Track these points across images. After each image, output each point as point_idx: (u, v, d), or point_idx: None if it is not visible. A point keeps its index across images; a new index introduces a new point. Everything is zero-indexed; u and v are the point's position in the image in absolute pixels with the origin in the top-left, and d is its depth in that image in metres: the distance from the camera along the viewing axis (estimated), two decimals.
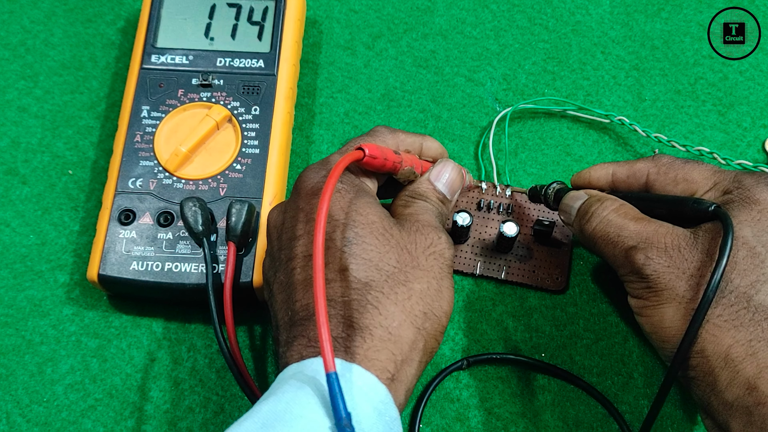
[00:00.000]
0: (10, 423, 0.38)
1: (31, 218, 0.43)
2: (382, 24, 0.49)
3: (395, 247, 0.30)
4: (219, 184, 0.41)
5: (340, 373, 0.26)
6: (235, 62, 0.44)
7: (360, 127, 0.46)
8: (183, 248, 0.39)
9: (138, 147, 0.41)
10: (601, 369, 0.39)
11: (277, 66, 0.44)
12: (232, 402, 0.39)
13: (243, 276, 0.38)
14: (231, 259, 0.37)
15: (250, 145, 0.41)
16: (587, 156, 0.45)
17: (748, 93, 0.47)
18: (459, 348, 0.40)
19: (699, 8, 0.50)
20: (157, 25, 0.44)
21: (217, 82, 0.43)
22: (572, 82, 0.47)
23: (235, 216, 0.38)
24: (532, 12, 0.50)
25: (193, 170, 0.41)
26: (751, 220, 0.31)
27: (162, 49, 0.44)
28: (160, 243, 0.39)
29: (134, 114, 0.42)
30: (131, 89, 0.43)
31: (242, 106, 0.42)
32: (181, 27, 0.45)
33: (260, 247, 0.39)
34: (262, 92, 0.43)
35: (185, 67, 0.43)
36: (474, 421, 0.38)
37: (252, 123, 0.42)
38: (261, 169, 0.41)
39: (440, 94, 0.47)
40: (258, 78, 0.43)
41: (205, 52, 0.44)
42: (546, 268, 0.41)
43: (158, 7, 0.45)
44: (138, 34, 0.45)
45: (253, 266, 0.39)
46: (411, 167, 0.35)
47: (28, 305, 0.41)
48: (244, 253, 0.39)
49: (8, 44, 0.49)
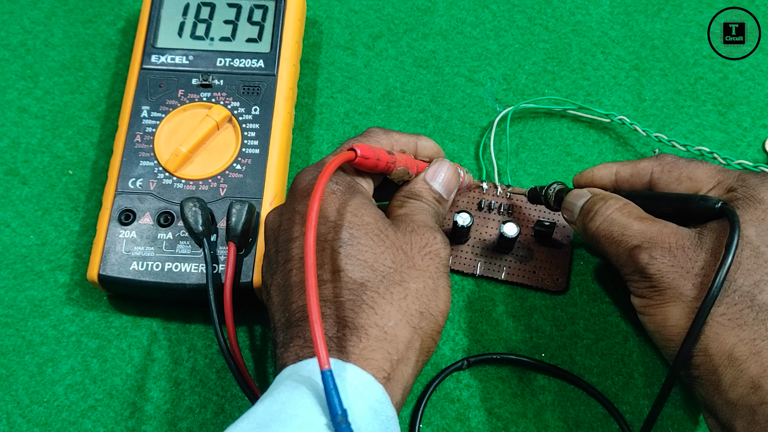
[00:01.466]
0: (10, 423, 0.38)
1: (31, 219, 0.43)
2: (382, 24, 0.50)
3: (390, 247, 0.30)
4: (219, 185, 0.40)
5: (335, 372, 0.26)
6: (235, 62, 0.44)
7: (360, 128, 0.46)
8: (183, 248, 0.39)
9: (138, 147, 0.41)
10: (602, 369, 0.39)
11: (277, 66, 0.44)
12: (232, 402, 0.39)
13: (243, 276, 0.38)
14: (231, 259, 0.37)
15: (250, 146, 0.41)
16: (587, 156, 0.45)
17: (748, 93, 0.47)
18: (459, 348, 0.40)
19: (699, 8, 0.50)
20: (157, 26, 0.44)
21: (217, 82, 0.43)
22: (572, 82, 0.47)
23: (235, 216, 0.38)
24: (532, 12, 0.50)
25: (193, 170, 0.41)
26: (756, 219, 0.31)
27: (162, 49, 0.44)
28: (161, 243, 0.39)
29: (134, 114, 0.42)
30: (131, 89, 0.43)
31: (242, 106, 0.42)
32: (181, 27, 0.45)
33: (260, 247, 0.39)
34: (262, 92, 0.43)
35: (185, 67, 0.43)
36: (474, 421, 0.38)
37: (252, 123, 0.42)
38: (261, 169, 0.41)
39: (440, 95, 0.47)
40: (258, 78, 0.43)
41: (205, 53, 0.44)
42: (546, 268, 0.41)
43: (158, 8, 0.45)
44: (138, 34, 0.45)
45: (253, 266, 0.39)
46: (405, 167, 0.35)
47: (28, 306, 0.41)
48: (244, 253, 0.39)
49: (8, 45, 0.49)
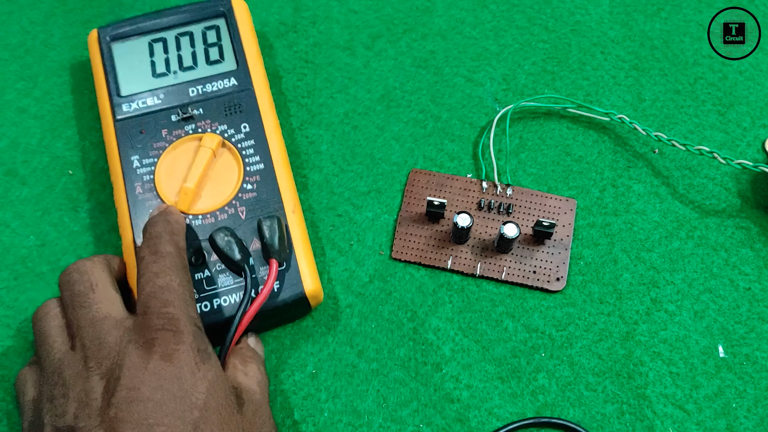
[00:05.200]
0: (10, 423, 0.38)
1: (30, 219, 0.43)
2: (382, 24, 0.49)
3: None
4: (236, 209, 0.40)
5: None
6: (207, 88, 0.43)
7: (360, 127, 0.46)
8: (225, 281, 0.38)
9: (142, 198, 0.40)
10: (601, 369, 0.39)
11: (249, 78, 0.43)
12: None
13: (294, 289, 0.38)
14: (273, 275, 0.36)
15: (252, 163, 0.41)
16: (587, 156, 0.45)
17: (748, 93, 0.47)
18: (459, 348, 0.40)
19: (699, 8, 0.50)
20: (115, 75, 0.43)
21: (197, 111, 0.42)
22: (572, 82, 0.47)
23: (268, 232, 0.37)
24: (532, 12, 0.50)
25: (205, 203, 0.40)
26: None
27: (129, 96, 0.42)
28: (200, 283, 0.38)
29: (126, 167, 0.41)
30: (113, 145, 0.41)
31: (231, 127, 0.42)
32: (139, 69, 0.43)
33: (299, 258, 0.39)
34: (245, 108, 0.42)
35: (160, 106, 0.42)
36: (474, 421, 0.38)
37: (246, 140, 0.41)
38: (272, 181, 0.40)
39: (440, 95, 0.47)
40: (236, 96, 0.42)
41: (174, 86, 0.43)
42: (546, 268, 0.41)
43: (110, 57, 0.43)
44: (98, 89, 0.43)
45: (299, 277, 0.38)
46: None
47: (29, 307, 0.41)
48: (284, 268, 0.38)
49: (7, 45, 0.49)
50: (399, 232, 0.43)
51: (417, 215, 0.43)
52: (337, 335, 0.40)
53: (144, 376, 0.30)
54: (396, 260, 0.42)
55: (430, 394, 0.39)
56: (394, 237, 0.43)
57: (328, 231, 0.43)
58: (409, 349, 0.40)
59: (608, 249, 0.42)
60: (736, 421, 0.38)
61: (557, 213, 0.43)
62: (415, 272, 0.42)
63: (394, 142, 0.46)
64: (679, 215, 0.43)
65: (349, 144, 0.46)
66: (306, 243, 0.40)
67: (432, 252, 0.42)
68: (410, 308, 0.41)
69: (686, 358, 0.39)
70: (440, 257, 0.42)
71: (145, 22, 0.44)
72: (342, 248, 0.43)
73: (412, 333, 0.40)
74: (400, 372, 0.39)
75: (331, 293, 0.41)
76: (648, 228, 0.43)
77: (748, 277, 0.41)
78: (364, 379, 0.39)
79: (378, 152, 0.45)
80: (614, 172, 0.45)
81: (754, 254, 0.42)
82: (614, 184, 0.44)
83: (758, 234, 0.43)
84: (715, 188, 0.44)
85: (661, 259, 0.42)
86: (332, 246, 0.43)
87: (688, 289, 0.41)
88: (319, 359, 0.40)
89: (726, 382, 0.39)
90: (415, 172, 0.44)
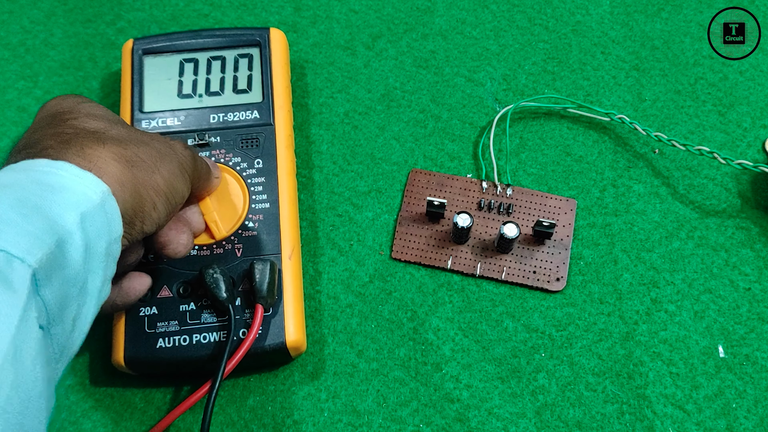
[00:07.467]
0: None
1: None
2: (382, 24, 0.49)
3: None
4: (234, 246, 0.39)
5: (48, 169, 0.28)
6: (228, 116, 0.42)
7: (360, 127, 0.46)
8: (209, 317, 0.37)
9: None
10: (601, 369, 0.39)
11: (272, 114, 0.42)
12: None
13: (275, 337, 0.37)
14: (257, 322, 0.36)
15: (259, 200, 0.40)
16: (587, 156, 0.45)
17: (748, 93, 0.47)
18: (459, 348, 0.40)
19: (699, 8, 0.50)
20: (141, 89, 0.42)
21: (214, 139, 0.41)
22: (572, 83, 0.47)
23: (258, 276, 0.36)
24: (532, 12, 0.50)
25: (204, 235, 0.39)
26: None
27: (151, 113, 0.42)
28: (184, 315, 0.37)
29: None
30: None
31: (244, 161, 0.41)
32: (166, 87, 0.42)
33: (287, 306, 0.38)
34: (262, 143, 0.41)
35: (178, 128, 0.41)
36: (474, 421, 0.38)
37: (257, 177, 0.40)
38: (275, 223, 0.39)
39: (440, 95, 0.47)
40: (255, 130, 0.41)
41: (197, 110, 0.42)
42: (546, 268, 0.41)
43: (140, 71, 0.43)
44: (122, 100, 0.42)
45: (283, 325, 0.37)
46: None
47: None
48: (271, 314, 0.38)
49: (8, 44, 0.49)
50: (399, 232, 0.43)
51: (417, 215, 0.43)
52: (337, 335, 0.40)
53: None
54: (396, 260, 0.42)
55: (430, 394, 0.39)
56: (394, 237, 0.43)
57: (328, 231, 0.43)
58: (409, 349, 0.40)
59: (608, 249, 0.42)
60: (736, 422, 0.38)
61: (557, 213, 0.43)
62: (415, 272, 0.42)
63: (395, 141, 0.46)
64: (680, 215, 0.43)
65: (350, 144, 0.46)
66: (298, 291, 0.39)
67: (432, 252, 0.42)
68: (410, 308, 0.41)
69: (686, 359, 0.39)
70: (440, 257, 0.42)
71: (181, 40, 0.43)
72: (342, 248, 0.43)
73: (412, 333, 0.40)
74: (400, 372, 0.39)
75: (331, 293, 0.41)
76: (648, 228, 0.43)
77: (748, 277, 0.41)
78: (364, 378, 0.39)
79: (378, 152, 0.45)
80: (614, 172, 0.45)
81: (754, 255, 0.42)
82: (614, 185, 0.44)
83: (758, 234, 0.43)
84: (716, 188, 0.44)
85: (661, 259, 0.42)
86: (332, 246, 0.43)
87: (688, 289, 0.41)
88: (320, 359, 0.40)
89: (726, 383, 0.39)
90: (416, 172, 0.44)
